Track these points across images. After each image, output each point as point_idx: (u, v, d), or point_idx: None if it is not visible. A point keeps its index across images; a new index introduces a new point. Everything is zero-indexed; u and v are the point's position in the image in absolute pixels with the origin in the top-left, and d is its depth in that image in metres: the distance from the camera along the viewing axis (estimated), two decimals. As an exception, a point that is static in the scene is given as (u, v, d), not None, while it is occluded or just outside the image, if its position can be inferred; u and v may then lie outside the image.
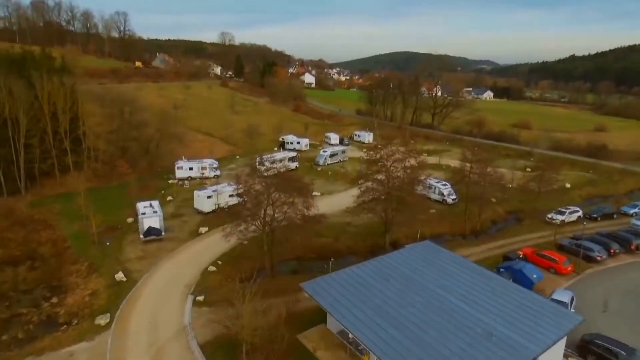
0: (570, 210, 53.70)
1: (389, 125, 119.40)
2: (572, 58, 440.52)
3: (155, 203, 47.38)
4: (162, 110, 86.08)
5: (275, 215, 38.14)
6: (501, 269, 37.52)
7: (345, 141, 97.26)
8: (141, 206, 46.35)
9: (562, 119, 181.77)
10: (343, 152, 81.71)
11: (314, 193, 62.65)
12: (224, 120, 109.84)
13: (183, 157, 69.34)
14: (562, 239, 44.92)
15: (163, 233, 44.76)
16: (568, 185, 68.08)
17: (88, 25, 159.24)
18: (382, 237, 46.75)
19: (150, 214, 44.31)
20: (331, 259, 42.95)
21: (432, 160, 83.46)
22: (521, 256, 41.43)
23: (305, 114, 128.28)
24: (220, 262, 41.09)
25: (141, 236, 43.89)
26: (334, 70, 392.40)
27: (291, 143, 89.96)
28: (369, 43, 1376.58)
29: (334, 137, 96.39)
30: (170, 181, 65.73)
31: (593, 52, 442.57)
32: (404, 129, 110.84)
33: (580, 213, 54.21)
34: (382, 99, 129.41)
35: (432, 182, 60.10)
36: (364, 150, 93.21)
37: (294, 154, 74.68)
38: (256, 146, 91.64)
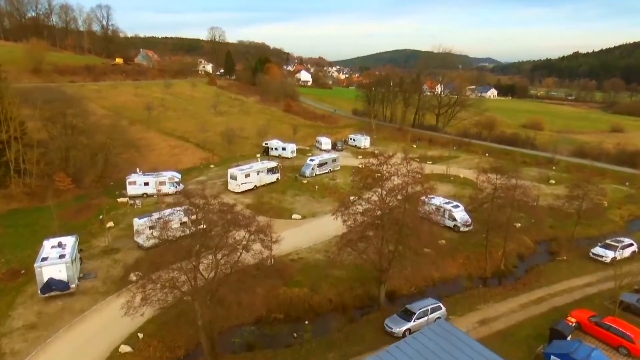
0: (623, 244, 40.44)
1: (388, 127, 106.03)
2: (576, 55, 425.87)
3: (69, 241, 34.30)
4: (119, 112, 73.25)
5: (220, 267, 25.40)
6: (552, 357, 24.44)
7: (339, 146, 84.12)
8: (48, 245, 33.42)
9: (572, 118, 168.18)
10: (334, 160, 68.56)
11: (293, 216, 49.91)
12: (205, 122, 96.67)
13: (138, 170, 56.38)
14: (626, 294, 31.55)
15: (72, 286, 31.77)
16: (605, 203, 54.75)
17: (67, 19, 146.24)
18: (377, 284, 33.72)
19: (53, 260, 31.30)
20: (306, 322, 30.35)
21: (438, 169, 70.54)
22: (573, 324, 28.33)
23: (296, 114, 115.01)
24: (141, 335, 28.11)
25: (39, 292, 30.96)
26: (334, 68, 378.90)
27: (276, 149, 76.87)
28: (370, 41, 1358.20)
29: (326, 142, 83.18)
30: (120, 199, 52.78)
31: (594, 49, 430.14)
32: (405, 132, 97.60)
33: (635, 247, 40.94)
34: (382, 97, 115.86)
35: (441, 202, 47.08)
36: (359, 157, 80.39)
37: (274, 164, 61.55)
38: (236, 152, 78.85)
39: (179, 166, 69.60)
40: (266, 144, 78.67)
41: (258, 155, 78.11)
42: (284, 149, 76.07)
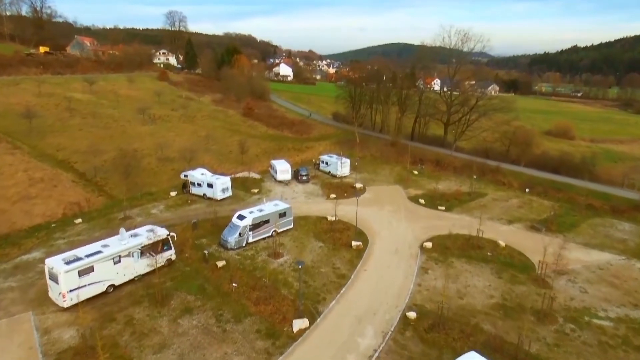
0: None
1: (378, 140, 75.22)
2: (576, 49, 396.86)
3: None
4: None
5: None
6: None
7: (303, 174, 53.67)
8: None
9: (595, 120, 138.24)
10: (282, 214, 37.91)
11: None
12: (121, 133, 66.35)
13: None
14: None
15: None
16: None
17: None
18: None
19: None
20: None
21: (457, 222, 39.94)
22: None
23: (259, 119, 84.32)
24: None
25: None
26: (324, 62, 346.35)
27: (198, 185, 46.54)
28: (362, 34, 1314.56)
29: (283, 169, 52.74)
30: None
31: (593, 43, 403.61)
32: (401, 148, 67.22)
33: None
34: (370, 98, 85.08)
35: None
36: (332, 195, 49.90)
37: (160, 233, 30.97)
38: (142, 188, 48.73)
39: (20, 223, 39.33)
40: (185, 175, 48.29)
41: (173, 193, 47.93)
42: (210, 185, 45.66)
